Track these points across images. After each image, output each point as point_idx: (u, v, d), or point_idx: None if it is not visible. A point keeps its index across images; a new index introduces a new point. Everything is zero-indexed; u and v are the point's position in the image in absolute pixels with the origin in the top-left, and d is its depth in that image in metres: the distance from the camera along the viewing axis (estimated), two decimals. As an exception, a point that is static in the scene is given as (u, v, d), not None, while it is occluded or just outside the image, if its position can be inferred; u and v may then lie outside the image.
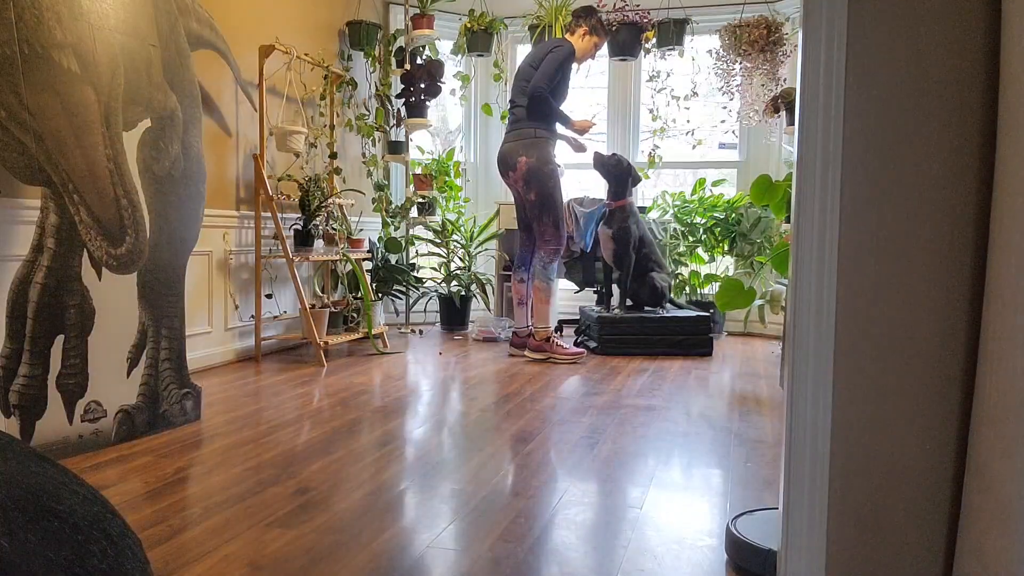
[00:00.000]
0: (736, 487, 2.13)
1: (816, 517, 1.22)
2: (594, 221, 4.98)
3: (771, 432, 2.71)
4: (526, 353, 4.27)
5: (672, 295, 5.21)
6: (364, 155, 5.16)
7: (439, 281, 5.45)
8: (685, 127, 5.26)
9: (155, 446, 2.47)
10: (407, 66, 5.11)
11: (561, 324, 4.80)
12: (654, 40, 5.06)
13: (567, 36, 4.27)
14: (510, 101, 4.31)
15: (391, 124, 5.25)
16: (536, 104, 4.10)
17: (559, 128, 4.27)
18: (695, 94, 5.21)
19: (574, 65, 4.28)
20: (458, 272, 5.43)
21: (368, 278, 4.73)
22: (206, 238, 3.71)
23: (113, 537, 0.83)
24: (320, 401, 3.13)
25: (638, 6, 4.91)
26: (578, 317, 5.03)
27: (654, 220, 5.23)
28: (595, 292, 5.10)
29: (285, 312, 4.40)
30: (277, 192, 4.13)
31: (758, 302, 4.73)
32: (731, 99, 4.84)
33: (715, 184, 5.38)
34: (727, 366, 4.07)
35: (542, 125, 4.15)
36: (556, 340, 4.22)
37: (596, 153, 4.65)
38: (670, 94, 5.24)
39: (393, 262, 5.14)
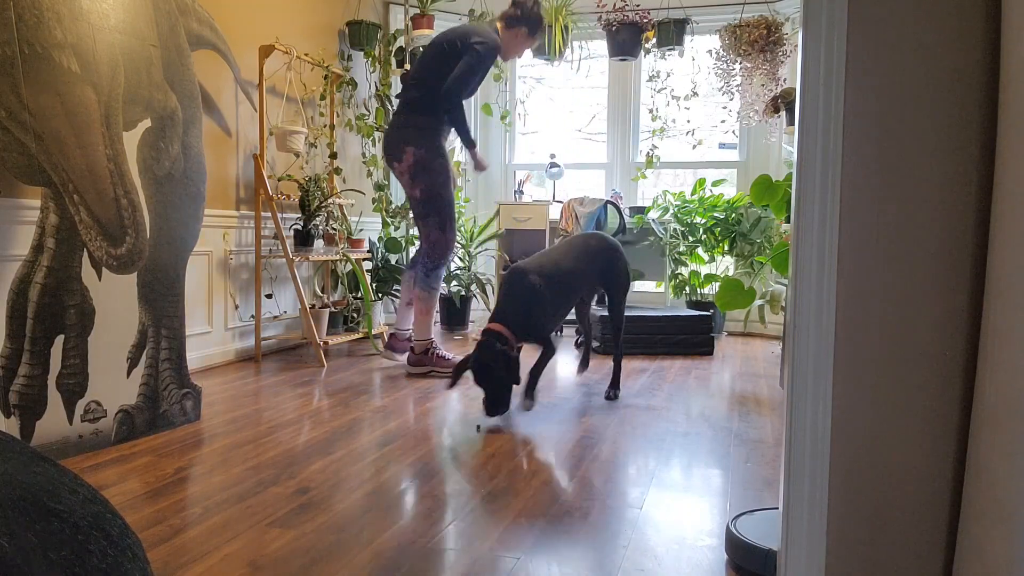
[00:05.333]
0: (736, 487, 2.13)
1: (816, 517, 1.22)
2: (594, 221, 4.97)
3: (771, 432, 2.71)
4: (408, 367, 3.73)
5: (672, 296, 5.24)
6: (364, 155, 5.15)
7: (439, 281, 5.45)
8: (685, 127, 5.26)
9: (155, 446, 2.47)
10: (407, 66, 5.11)
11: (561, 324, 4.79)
12: (654, 40, 5.06)
13: None
14: (409, 78, 3.81)
15: (391, 124, 5.24)
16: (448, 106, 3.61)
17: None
18: (695, 94, 5.21)
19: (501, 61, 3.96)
20: (458, 272, 5.43)
21: (368, 278, 4.73)
22: (206, 238, 3.71)
23: (113, 537, 0.83)
24: (320, 401, 3.13)
25: (638, 6, 4.91)
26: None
27: (654, 220, 5.23)
28: (595, 292, 5.10)
29: (285, 312, 4.40)
30: (277, 192, 4.13)
31: (758, 302, 4.73)
32: (731, 99, 4.84)
33: (715, 184, 5.37)
34: (727, 366, 4.07)
35: (438, 115, 3.63)
36: (436, 352, 3.71)
37: None
38: (670, 94, 5.24)
39: (393, 262, 5.14)
